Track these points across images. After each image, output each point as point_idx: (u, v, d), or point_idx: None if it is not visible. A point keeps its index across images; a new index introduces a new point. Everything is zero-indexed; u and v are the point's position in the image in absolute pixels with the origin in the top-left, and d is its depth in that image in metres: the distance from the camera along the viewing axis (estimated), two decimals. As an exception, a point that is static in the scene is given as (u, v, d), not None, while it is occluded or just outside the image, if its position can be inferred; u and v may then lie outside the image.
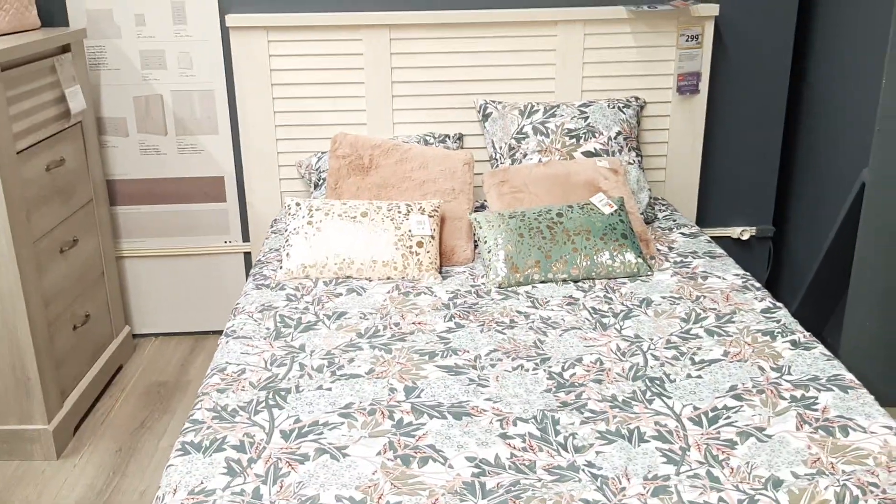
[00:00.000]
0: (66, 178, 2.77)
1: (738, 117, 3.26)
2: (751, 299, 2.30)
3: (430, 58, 3.07)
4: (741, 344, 2.05)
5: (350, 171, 2.81)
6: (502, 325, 2.19)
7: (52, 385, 2.64)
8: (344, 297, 2.38)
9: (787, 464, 1.59)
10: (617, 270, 2.47)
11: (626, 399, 1.83)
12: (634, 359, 2.01)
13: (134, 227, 3.28)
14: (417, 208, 2.59)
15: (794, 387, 1.85)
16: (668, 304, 2.30)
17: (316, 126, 3.13)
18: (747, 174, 3.34)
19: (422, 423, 1.75)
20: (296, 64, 3.06)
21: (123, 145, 3.17)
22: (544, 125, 2.97)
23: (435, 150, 2.86)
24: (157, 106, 3.14)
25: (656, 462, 1.61)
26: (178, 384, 3.11)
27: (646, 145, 3.21)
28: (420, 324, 2.21)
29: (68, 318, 2.78)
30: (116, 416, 2.91)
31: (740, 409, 1.78)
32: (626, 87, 3.14)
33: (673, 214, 3.02)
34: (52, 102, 2.68)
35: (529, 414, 1.78)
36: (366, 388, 1.89)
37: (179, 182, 3.23)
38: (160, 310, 3.40)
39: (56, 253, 2.69)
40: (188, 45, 3.07)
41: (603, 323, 2.20)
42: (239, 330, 2.20)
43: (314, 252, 2.52)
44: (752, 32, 3.15)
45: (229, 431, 1.73)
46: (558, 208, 2.56)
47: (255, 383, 1.92)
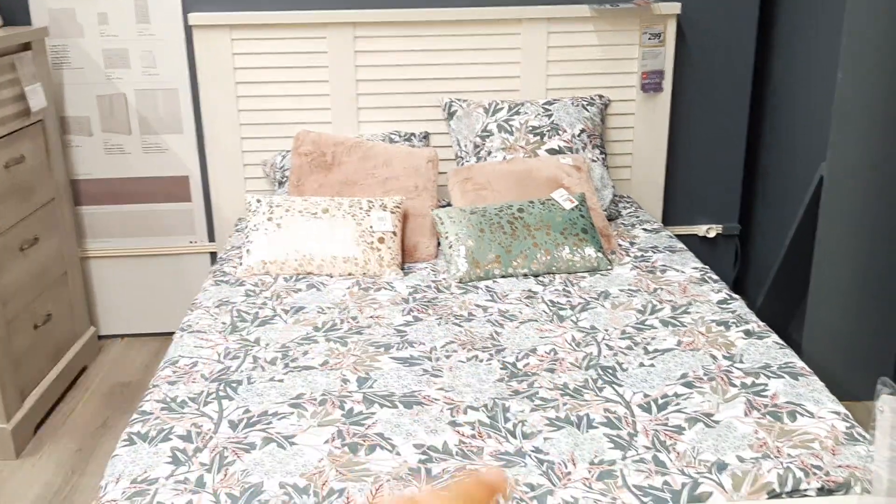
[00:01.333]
0: (25, 176, 2.75)
1: (703, 115, 3.28)
2: (707, 291, 2.31)
3: (395, 56, 3.08)
4: (695, 334, 2.06)
5: (312, 168, 2.81)
6: (460, 319, 2.19)
7: (11, 384, 2.61)
8: (303, 292, 2.38)
9: (733, 448, 1.60)
10: (577, 265, 2.47)
11: (577, 387, 1.83)
12: (588, 349, 2.01)
13: (99, 226, 3.26)
14: (379, 204, 2.59)
15: (744, 374, 1.86)
16: (625, 296, 2.30)
17: (281, 125, 3.12)
18: (713, 172, 3.36)
19: (372, 412, 1.74)
20: (260, 62, 3.05)
21: (87, 144, 3.16)
22: (509, 123, 2.98)
23: (399, 148, 2.86)
24: (121, 105, 3.12)
25: (603, 447, 1.61)
26: (141, 385, 3.08)
27: (611, 143, 3.22)
28: (378, 318, 2.21)
29: (28, 318, 2.75)
30: (78, 417, 2.88)
31: (690, 395, 1.78)
32: (590, 85, 3.16)
33: (637, 212, 3.04)
34: (11, 100, 2.67)
35: (480, 402, 1.77)
36: (318, 379, 1.88)
37: (144, 182, 3.22)
38: (126, 310, 3.38)
39: (15, 251, 2.67)
40: (151, 44, 3.06)
41: (560, 315, 2.20)
42: (195, 324, 2.19)
43: (274, 248, 2.52)
44: (715, 30, 3.18)
45: (177, 422, 1.72)
46: (519, 204, 2.56)
47: (206, 375, 1.91)
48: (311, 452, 1.60)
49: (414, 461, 1.57)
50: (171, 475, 1.54)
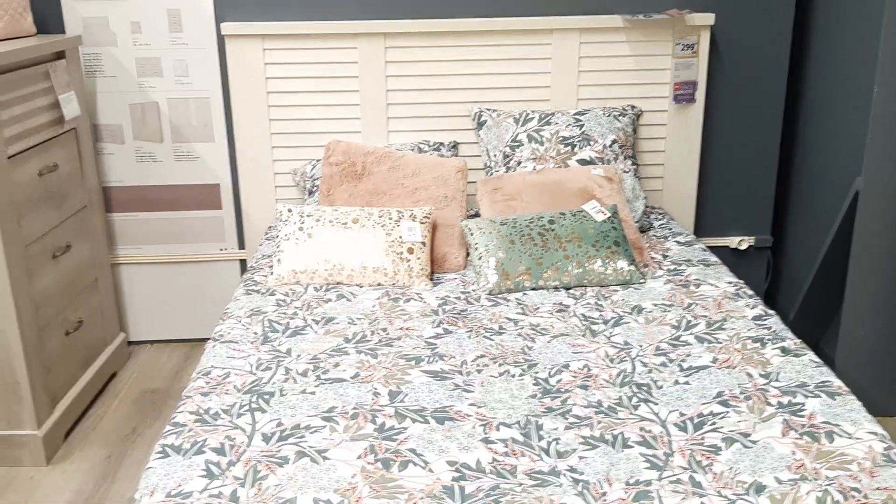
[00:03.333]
0: (58, 183, 2.78)
1: (736, 126, 3.25)
2: (742, 307, 2.28)
3: (425, 66, 3.08)
4: (730, 351, 2.03)
5: (343, 178, 2.81)
6: (490, 332, 2.17)
7: (42, 390, 2.63)
8: (333, 302, 2.37)
9: (770, 469, 1.57)
10: (609, 278, 2.45)
11: (611, 405, 1.81)
12: (622, 365, 1.99)
13: (130, 233, 3.28)
14: (408, 215, 2.59)
15: (781, 393, 1.83)
16: (659, 311, 2.28)
17: (311, 134, 3.13)
18: (745, 183, 3.32)
19: (404, 427, 1.73)
20: (291, 72, 3.06)
21: (120, 152, 3.18)
22: (539, 133, 2.96)
23: (428, 158, 2.86)
24: (154, 113, 3.15)
25: (639, 467, 1.59)
26: (170, 391, 3.10)
27: (642, 154, 3.20)
28: (408, 329, 2.20)
29: (60, 324, 2.78)
30: (108, 423, 2.90)
31: (726, 415, 1.76)
32: (622, 96, 3.14)
33: (669, 223, 3.01)
34: (45, 108, 2.69)
35: (513, 419, 1.76)
36: (350, 392, 1.88)
37: (175, 189, 3.24)
38: (156, 317, 3.40)
39: (48, 258, 2.70)
40: (184, 53, 3.08)
41: (593, 330, 2.18)
42: (226, 334, 2.19)
43: (305, 258, 2.52)
44: (748, 41, 3.15)
45: (210, 434, 1.72)
46: (550, 215, 2.55)
47: (239, 387, 1.91)
48: (343, 468, 1.60)
49: (447, 479, 1.56)
50: (206, 489, 1.54)
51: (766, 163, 3.29)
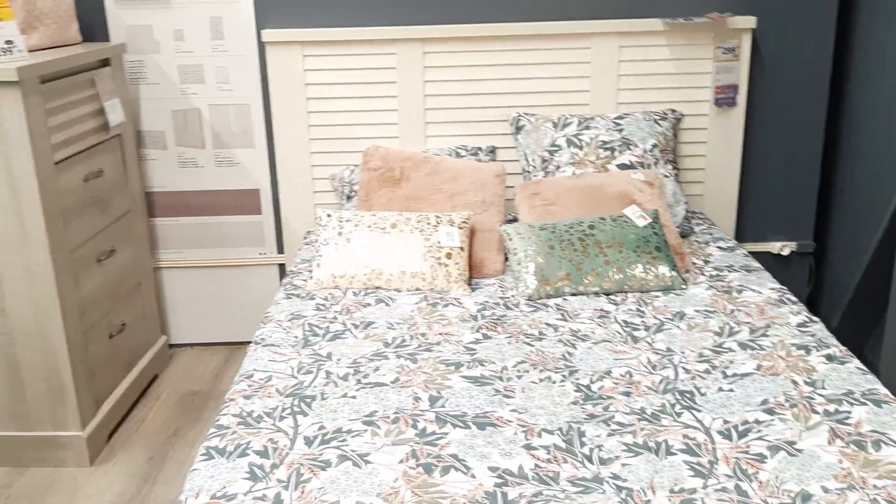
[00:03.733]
0: (103, 189, 2.82)
1: (778, 130, 3.21)
2: (786, 313, 2.25)
3: (463, 71, 3.08)
4: (775, 358, 2.00)
5: (381, 183, 2.82)
6: (530, 338, 2.17)
7: (87, 392, 2.68)
8: (372, 307, 2.38)
9: (817, 478, 1.54)
10: (650, 284, 2.43)
11: (654, 412, 1.80)
12: (665, 372, 1.97)
13: (171, 238, 3.33)
14: (447, 220, 2.59)
15: (827, 401, 1.80)
16: (701, 317, 2.25)
17: (349, 139, 3.15)
18: (787, 188, 3.28)
19: (445, 432, 1.73)
20: (330, 78, 3.09)
21: (162, 158, 3.23)
22: (578, 137, 2.95)
23: (466, 163, 2.86)
24: (195, 120, 3.19)
25: (683, 475, 1.57)
26: (211, 393, 3.13)
27: (683, 158, 3.17)
28: (447, 335, 2.20)
29: (104, 327, 2.82)
30: (150, 425, 2.94)
31: (771, 423, 1.73)
32: (662, 100, 3.11)
33: (710, 228, 2.98)
34: (91, 115, 2.74)
35: (555, 425, 1.75)
36: (390, 396, 1.88)
37: (216, 194, 3.27)
38: (196, 320, 3.44)
39: (93, 262, 2.74)
40: (225, 60, 3.12)
41: (634, 336, 2.16)
42: (268, 338, 2.21)
43: (344, 262, 2.53)
44: (791, 44, 3.10)
45: (254, 437, 1.73)
46: (590, 220, 2.53)
47: (281, 390, 1.93)
48: (385, 472, 1.60)
49: (489, 484, 1.56)
50: (250, 491, 1.56)
51: (809, 167, 3.25)
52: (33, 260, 2.45)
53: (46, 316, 2.51)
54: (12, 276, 2.47)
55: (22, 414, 2.62)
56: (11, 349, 2.55)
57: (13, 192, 2.39)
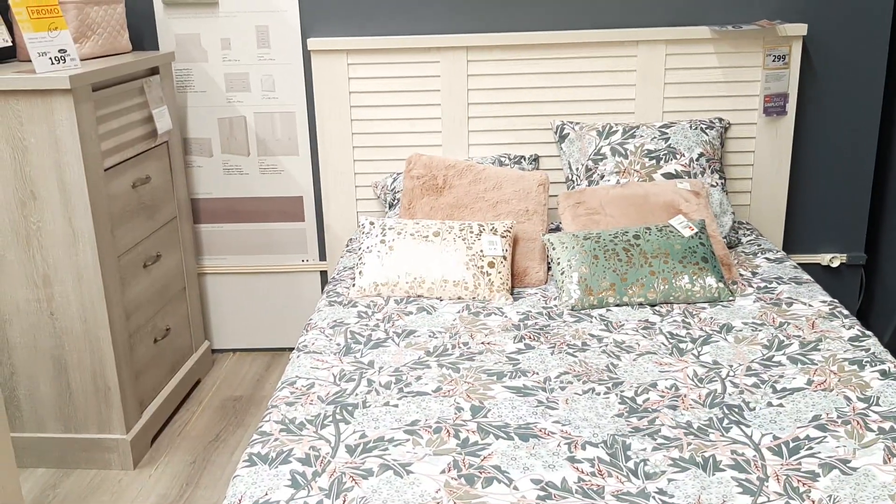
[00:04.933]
0: (151, 195, 2.86)
1: (829, 140, 3.14)
2: (838, 327, 2.19)
3: (507, 79, 3.07)
4: (826, 373, 1.95)
5: (424, 191, 2.82)
6: (574, 348, 2.14)
7: (132, 396, 2.71)
8: (414, 315, 2.38)
9: (872, 498, 1.49)
10: (696, 295, 2.39)
11: (701, 426, 1.76)
12: (712, 385, 1.93)
13: (216, 244, 3.36)
14: (490, 228, 2.57)
15: (882, 418, 1.74)
16: (749, 330, 2.21)
17: (392, 147, 3.15)
18: (838, 199, 3.20)
19: (487, 443, 1.71)
20: (374, 86, 3.09)
21: (208, 165, 3.26)
22: (623, 146, 2.92)
23: (509, 171, 2.85)
24: (241, 127, 3.22)
25: (731, 492, 1.54)
26: (252, 399, 3.15)
27: (730, 168, 3.12)
28: (489, 344, 2.18)
29: (149, 331, 2.85)
30: (192, 429, 2.96)
31: (824, 439, 1.68)
32: (709, 108, 3.06)
33: (758, 239, 2.92)
34: (139, 122, 2.78)
35: (599, 438, 1.72)
36: (432, 406, 1.87)
37: (260, 201, 3.30)
38: (239, 326, 3.47)
39: (139, 267, 2.78)
40: (271, 68, 3.15)
41: (680, 348, 2.12)
42: (310, 345, 2.21)
43: (386, 270, 2.53)
44: (843, 52, 3.04)
45: (296, 444, 1.73)
46: (635, 230, 2.50)
47: (323, 397, 1.92)
48: (427, 482, 1.59)
49: (532, 497, 1.54)
50: (292, 499, 1.55)
51: (861, 177, 3.17)
52: (82, 263, 2.49)
53: (94, 319, 2.54)
54: (62, 278, 2.51)
55: (69, 416, 2.66)
56: (59, 351, 2.59)
57: (64, 196, 2.43)
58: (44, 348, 2.59)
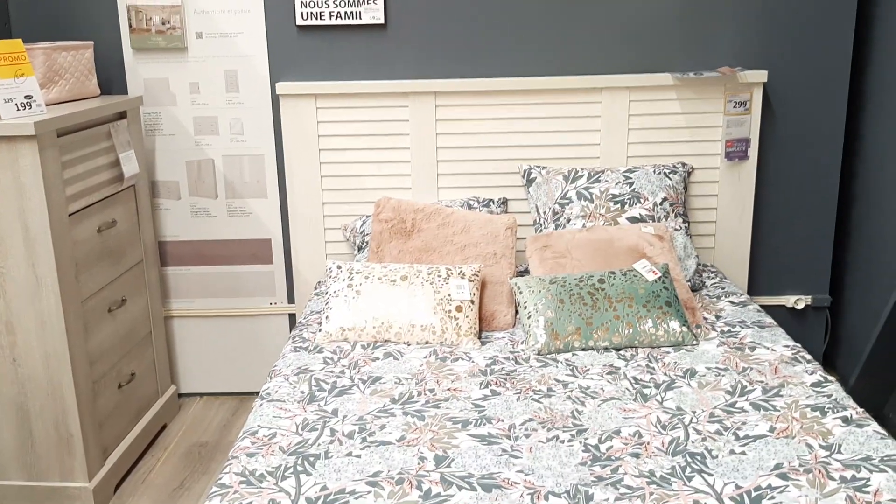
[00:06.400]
0: (116, 239, 2.84)
1: (791, 183, 3.19)
2: (801, 372, 2.21)
3: (475, 124, 3.10)
4: (789, 419, 1.97)
5: (392, 234, 2.82)
6: (539, 394, 2.14)
7: (94, 444, 2.66)
8: (381, 361, 2.37)
9: (833, 550, 1.50)
10: (660, 339, 2.40)
11: (664, 475, 1.76)
12: (675, 432, 1.93)
13: (183, 287, 3.34)
14: (457, 272, 2.58)
15: (844, 467, 1.76)
16: (712, 375, 2.22)
17: (361, 190, 3.16)
18: (801, 241, 3.25)
19: (450, 493, 1.70)
20: (343, 130, 3.11)
21: (175, 208, 3.25)
22: (588, 190, 2.95)
23: (477, 215, 2.86)
24: (209, 170, 3.22)
25: (693, 543, 1.54)
26: (218, 445, 3.11)
27: (694, 211, 3.16)
28: (455, 390, 2.18)
29: (113, 377, 2.82)
30: (157, 476, 2.91)
31: (786, 488, 1.69)
32: (672, 153, 3.11)
33: (722, 282, 2.95)
34: (106, 166, 2.77)
35: (562, 488, 1.72)
36: (395, 455, 1.86)
37: (228, 244, 3.29)
38: (206, 369, 3.43)
39: (104, 312, 2.75)
40: (240, 112, 3.16)
41: (644, 394, 2.13)
42: (273, 393, 2.19)
43: (353, 315, 2.52)
44: (803, 98, 3.10)
45: (255, 497, 1.71)
46: (600, 274, 2.52)
47: (284, 448, 1.91)
48: (388, 536, 1.57)
49: (494, 550, 1.52)
50: (249, 555, 1.53)
51: (824, 219, 3.22)
52: (45, 310, 2.46)
53: (56, 366, 2.51)
54: (25, 326, 2.48)
55: (31, 463, 2.61)
56: (22, 398, 2.55)
57: (28, 243, 2.41)
58: (6, 395, 2.55)
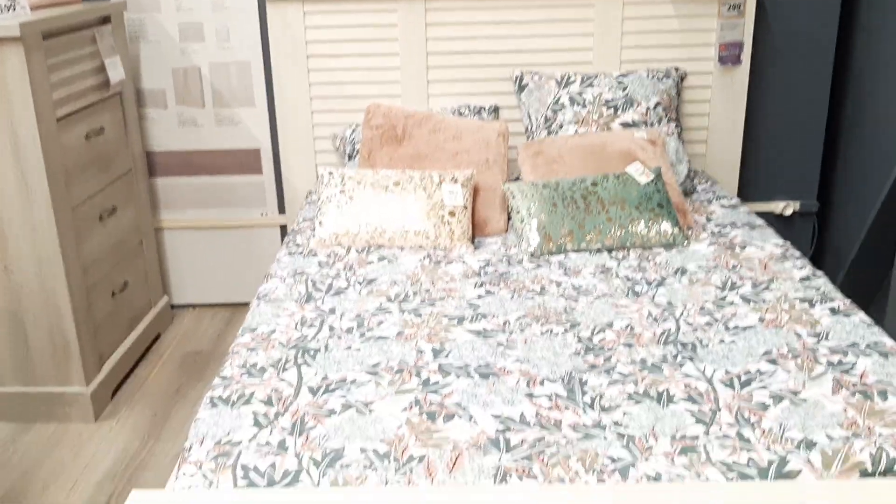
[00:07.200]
0: (105, 147, 2.81)
1: (782, 88, 3.19)
2: (790, 268, 2.25)
3: (466, 28, 3.05)
4: (778, 311, 2.01)
5: (383, 141, 2.81)
6: (533, 293, 2.17)
7: (91, 350, 2.69)
8: (375, 264, 2.38)
9: (821, 426, 1.55)
10: (652, 240, 2.43)
11: (655, 363, 1.80)
12: (666, 325, 1.97)
13: (173, 198, 3.32)
14: (450, 178, 2.58)
15: (831, 352, 1.80)
16: (703, 272, 2.25)
17: (351, 98, 3.13)
18: (791, 147, 3.26)
19: (448, 382, 1.74)
20: (331, 35, 3.06)
21: (162, 117, 3.21)
22: (581, 95, 2.93)
23: (469, 121, 2.85)
24: (195, 78, 3.17)
25: (685, 422, 1.58)
26: (213, 354, 3.14)
27: (686, 117, 3.15)
28: (450, 290, 2.20)
29: (106, 285, 2.82)
30: (153, 383, 2.95)
31: (774, 373, 1.74)
32: (665, 58, 3.09)
33: (713, 187, 2.97)
34: (91, 72, 2.72)
35: (557, 375, 1.76)
36: (394, 349, 1.89)
37: (216, 154, 3.26)
38: (198, 281, 3.44)
39: (95, 220, 2.74)
40: (226, 18, 3.09)
41: (635, 291, 2.16)
42: (271, 293, 2.21)
43: (346, 220, 2.53)
44: (796, 3, 3.07)
45: (258, 387, 1.74)
46: (593, 178, 2.52)
47: (284, 343, 1.93)
48: (389, 419, 1.61)
49: (492, 431, 1.57)
50: (254, 438, 1.57)
51: (814, 125, 3.23)
52: (37, 217, 2.45)
53: (50, 273, 2.51)
54: (16, 233, 2.47)
55: (27, 370, 2.63)
56: (16, 306, 2.56)
57: (16, 148, 2.38)
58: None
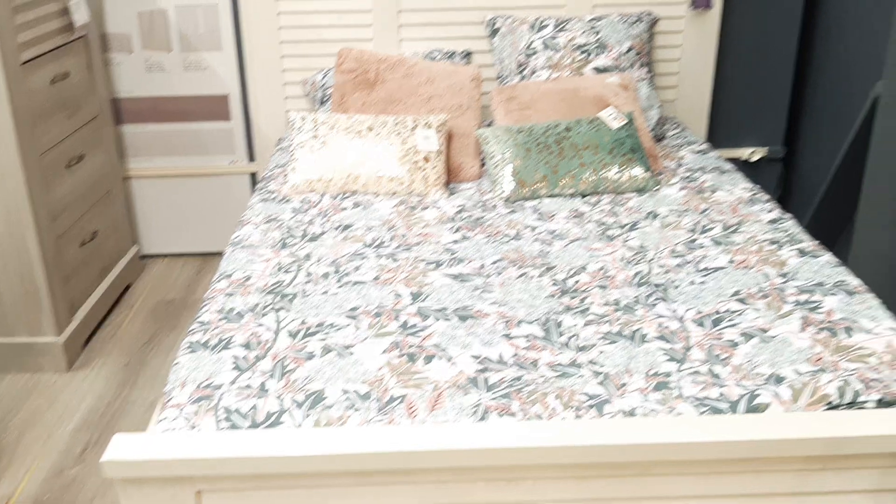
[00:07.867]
0: (71, 92, 2.75)
1: (752, 34, 3.20)
2: (758, 211, 2.29)
3: (438, -28, 3.01)
4: (747, 252, 2.05)
5: (356, 86, 2.78)
6: (508, 237, 2.19)
7: (62, 299, 2.66)
8: (350, 210, 2.38)
9: (789, 362, 1.60)
10: (624, 185, 2.45)
11: (629, 304, 1.84)
12: (639, 267, 2.01)
13: (141, 145, 3.27)
14: (424, 123, 2.57)
15: (799, 291, 1.85)
16: (674, 216, 2.29)
17: (321, 42, 3.08)
18: (760, 93, 3.29)
19: (427, 324, 1.76)
20: (300, -22, 3.00)
21: (128, 62, 3.14)
22: (554, 40, 2.92)
23: (441, 66, 2.82)
24: (162, 21, 3.09)
25: (658, 360, 1.62)
26: (185, 303, 3.13)
27: (657, 63, 3.16)
28: (426, 235, 2.21)
29: (76, 234, 2.79)
30: (125, 332, 2.94)
31: (744, 312, 1.78)
32: (638, 1, 3.07)
33: (683, 132, 2.99)
34: (55, 14, 2.65)
35: (533, 317, 1.78)
36: (372, 293, 1.90)
37: (184, 100, 3.21)
38: (168, 230, 3.41)
39: (62, 167, 2.69)
40: (191, -41, 3.02)
41: (608, 235, 2.19)
42: (245, 240, 2.20)
43: (320, 166, 2.51)
44: (768, -54, 3.07)
45: (236, 332, 1.75)
46: (566, 123, 2.53)
47: (261, 288, 1.93)
48: (370, 361, 1.63)
49: (471, 371, 1.59)
50: (235, 381, 1.58)
51: (782, 71, 3.25)
52: (3, 163, 2.40)
53: (18, 220, 2.47)
54: (-20, 180, 2.42)
55: (-3, 320, 2.61)
56: (-17, 255, 2.52)
57: (-23, 92, 2.32)
58: (-34, 251, 2.52)
